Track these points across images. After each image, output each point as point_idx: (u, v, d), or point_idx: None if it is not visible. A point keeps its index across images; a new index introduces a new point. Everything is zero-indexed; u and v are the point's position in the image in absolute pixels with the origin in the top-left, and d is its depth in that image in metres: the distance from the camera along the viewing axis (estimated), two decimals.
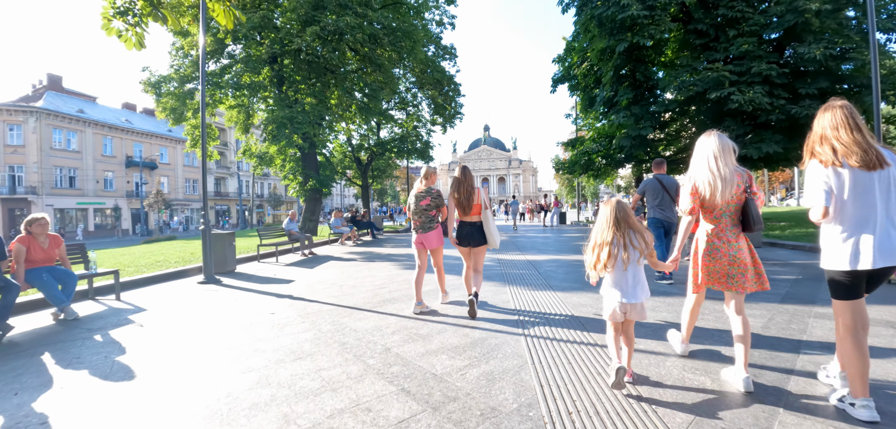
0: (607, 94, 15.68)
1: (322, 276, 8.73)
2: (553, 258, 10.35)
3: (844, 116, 2.41)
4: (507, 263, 9.67)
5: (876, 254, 2.31)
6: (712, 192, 2.85)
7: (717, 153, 2.86)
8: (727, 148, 2.88)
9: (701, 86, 13.64)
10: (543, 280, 7.49)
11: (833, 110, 2.47)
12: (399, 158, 27.81)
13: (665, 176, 6.89)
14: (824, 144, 2.43)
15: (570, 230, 21.14)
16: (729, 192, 2.83)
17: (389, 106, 26.98)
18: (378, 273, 8.74)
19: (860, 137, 2.36)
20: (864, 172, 2.33)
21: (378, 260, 11.02)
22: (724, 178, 2.82)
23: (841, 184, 2.36)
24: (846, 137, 2.37)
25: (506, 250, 12.23)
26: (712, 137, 2.95)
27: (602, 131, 18.99)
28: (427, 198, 5.37)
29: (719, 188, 2.82)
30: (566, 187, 74.44)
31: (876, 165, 2.32)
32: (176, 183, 53.35)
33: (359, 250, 13.86)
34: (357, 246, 15.42)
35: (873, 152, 2.33)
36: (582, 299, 5.91)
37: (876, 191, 2.33)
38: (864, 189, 2.33)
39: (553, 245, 13.67)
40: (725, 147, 2.88)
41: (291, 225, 12.77)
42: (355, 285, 7.48)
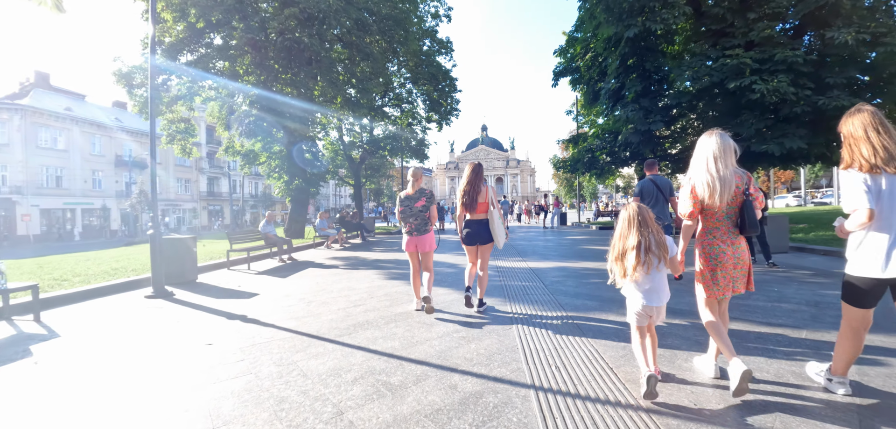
0: (613, 85, 14.43)
1: (292, 288, 7.47)
2: (559, 266, 9.11)
3: (876, 120, 2.39)
4: (508, 272, 8.43)
5: None
6: (711, 193, 2.76)
7: (718, 154, 2.77)
8: (728, 148, 2.78)
9: (718, 75, 12.43)
10: (551, 296, 6.24)
11: (862, 114, 2.45)
12: (393, 156, 26.55)
13: (658, 177, 6.90)
14: (862, 148, 2.39)
15: (573, 232, 19.91)
16: (728, 194, 2.75)
17: (382, 102, 25.73)
18: (357, 285, 7.48)
19: (889, 140, 2.34)
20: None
21: (362, 267, 9.76)
22: (723, 179, 2.74)
23: (878, 189, 2.34)
24: (882, 141, 2.35)
25: (505, 255, 11.00)
26: (714, 136, 2.83)
27: (606, 127, 17.75)
28: (422, 199, 5.24)
29: (718, 190, 2.73)
30: (564, 187, 73.25)
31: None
32: (168, 182, 51.93)
33: (344, 255, 12.61)
34: (344, 250, 14.16)
35: None
36: (602, 323, 4.67)
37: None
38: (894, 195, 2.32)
39: (556, 249, 12.43)
40: (726, 147, 2.78)
41: (268, 227, 11.49)
42: (326, 301, 6.22)
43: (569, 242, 14.71)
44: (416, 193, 5.29)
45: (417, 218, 5.25)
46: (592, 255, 10.72)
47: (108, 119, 47.51)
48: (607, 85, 14.85)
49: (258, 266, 10.51)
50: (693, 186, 2.83)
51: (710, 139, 2.82)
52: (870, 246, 2.40)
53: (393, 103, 26.44)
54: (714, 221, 2.85)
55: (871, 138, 2.36)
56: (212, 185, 57.40)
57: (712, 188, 2.73)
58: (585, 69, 17.26)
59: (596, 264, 9.10)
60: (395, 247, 14.62)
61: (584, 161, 18.13)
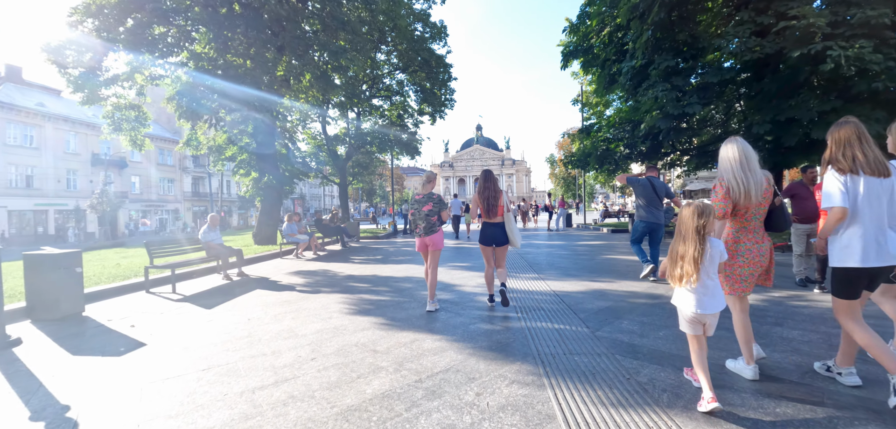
0: (638, 63, 11.93)
1: (205, 331, 4.89)
2: (591, 289, 6.58)
3: (857, 131, 2.62)
4: (526, 300, 5.88)
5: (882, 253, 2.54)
6: (745, 195, 2.85)
7: (743, 159, 2.87)
8: (751, 153, 2.91)
9: (771, 46, 9.97)
10: (604, 350, 3.66)
11: (846, 126, 2.67)
12: (382, 152, 23.90)
13: (656, 179, 6.86)
14: (843, 154, 2.62)
15: (583, 236, 17.40)
16: (760, 194, 2.87)
17: (370, 93, 23.15)
18: (304, 327, 4.91)
19: (870, 149, 2.59)
20: (875, 179, 2.56)
21: (325, 289, 7.18)
22: (757, 182, 2.86)
23: (855, 191, 2.56)
24: (860, 148, 2.58)
25: (516, 269, 8.46)
26: (735, 143, 2.94)
27: (624, 114, 15.28)
28: (429, 203, 5.40)
29: (752, 192, 2.84)
30: (561, 187, 70.84)
31: (883, 174, 2.56)
32: (149, 182, 48.96)
33: (313, 267, 10.01)
34: (316, 260, 11.56)
35: (882, 163, 2.59)
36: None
37: (883, 197, 2.57)
38: (875, 195, 2.56)
39: (575, 261, 9.92)
40: (750, 152, 2.91)
41: (212, 235, 8.87)
42: (237, 369, 3.64)
43: (585, 249, 12.19)
44: (424, 197, 5.45)
45: (425, 221, 5.40)
46: (626, 270, 8.21)
47: (85, 116, 44.50)
48: (629, 64, 12.35)
49: (190, 286, 7.89)
50: (728, 188, 2.88)
51: (733, 146, 2.92)
52: (850, 241, 2.61)
53: (382, 95, 23.88)
54: (743, 220, 2.95)
55: (853, 146, 2.60)
56: (197, 184, 54.41)
57: (747, 188, 2.83)
58: (601, 48, 14.71)
59: (639, 286, 6.58)
60: (379, 255, 12.05)
61: (598, 154, 15.62)
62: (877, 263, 2.55)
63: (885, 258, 2.55)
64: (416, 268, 9.17)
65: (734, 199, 2.87)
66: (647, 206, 6.77)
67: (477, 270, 8.58)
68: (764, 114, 10.99)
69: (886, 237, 2.56)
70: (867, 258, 2.55)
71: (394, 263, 10.14)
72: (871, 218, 2.55)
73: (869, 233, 2.55)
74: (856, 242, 2.58)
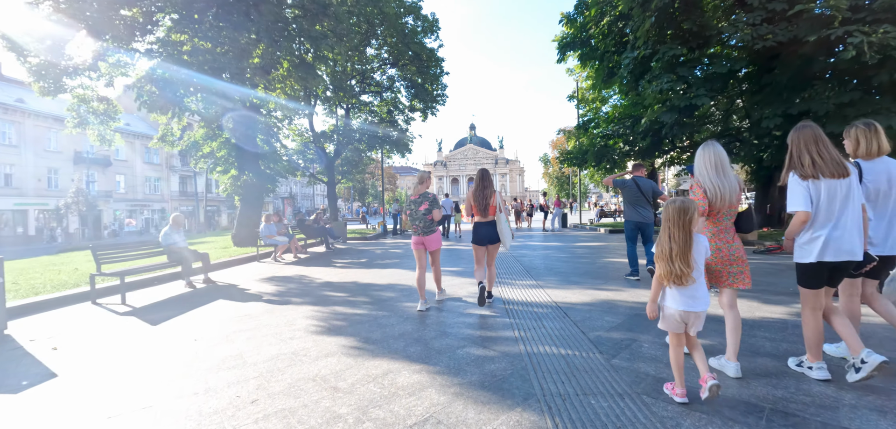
0: (641, 54, 11.15)
1: (140, 355, 4.02)
2: (595, 298, 5.77)
3: (814, 135, 2.76)
4: (524, 313, 5.05)
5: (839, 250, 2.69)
6: (721, 198, 2.97)
7: (718, 164, 3.00)
8: (725, 158, 3.04)
9: (783, 35, 9.25)
10: (624, 384, 2.83)
11: (805, 130, 2.80)
12: (371, 150, 22.97)
13: (642, 178, 6.85)
14: (805, 158, 2.75)
15: (580, 237, 16.64)
16: (733, 197, 3.01)
17: (359, 88, 22.25)
18: (264, 347, 4.06)
19: (827, 151, 2.72)
20: (834, 181, 2.68)
21: (296, 300, 6.31)
22: (731, 187, 2.99)
23: (817, 192, 2.70)
24: (820, 152, 2.72)
25: (512, 274, 7.65)
26: (712, 148, 3.06)
27: (624, 109, 14.51)
28: (425, 203, 5.37)
29: (727, 195, 2.97)
30: (555, 186, 70.16)
31: (842, 175, 2.68)
32: (134, 181, 47.59)
33: (289, 272, 9.13)
34: (295, 263, 10.67)
35: (840, 163, 2.70)
36: None
37: (839, 197, 2.68)
38: (832, 196, 2.69)
39: (574, 265, 9.12)
40: (724, 157, 3.04)
41: (174, 237, 7.96)
42: (155, 414, 2.78)
43: (584, 251, 11.41)
44: (419, 198, 5.44)
45: (421, 221, 5.36)
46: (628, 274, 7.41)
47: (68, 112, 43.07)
48: (631, 55, 11.57)
49: (146, 295, 6.98)
50: (704, 188, 3.01)
51: (709, 151, 3.05)
52: (811, 239, 2.76)
53: (372, 91, 22.99)
54: (715, 220, 3.07)
55: (812, 151, 2.72)
56: (184, 183, 53.05)
57: (722, 190, 2.97)
58: (600, 39, 13.91)
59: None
60: (364, 259, 11.18)
61: (595, 151, 14.83)
62: (835, 259, 2.70)
63: (842, 254, 2.69)
64: (402, 274, 8.33)
65: (710, 201, 3.00)
66: (634, 205, 6.82)
67: (469, 276, 7.76)
68: (774, 107, 10.28)
69: (843, 234, 2.69)
70: (824, 254, 2.70)
71: (378, 268, 9.28)
72: (829, 217, 2.70)
73: (827, 231, 2.70)
74: (816, 240, 2.73)
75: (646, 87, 11.40)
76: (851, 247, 2.69)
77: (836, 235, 2.68)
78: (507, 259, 9.85)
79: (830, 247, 2.69)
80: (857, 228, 2.71)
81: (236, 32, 9.49)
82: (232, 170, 14.51)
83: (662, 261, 2.60)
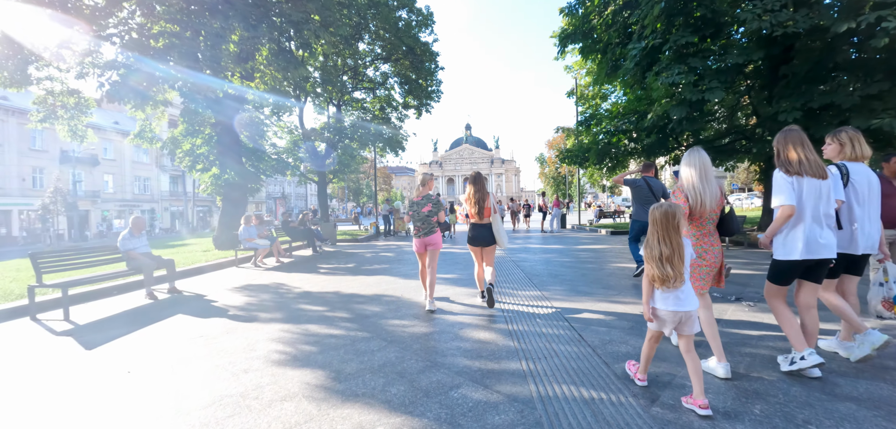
0: (649, 44, 10.35)
1: (46, 395, 3.16)
2: (611, 312, 4.96)
3: (801, 138, 2.91)
4: (532, 334, 4.22)
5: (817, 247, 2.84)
6: (702, 203, 3.03)
7: (702, 171, 3.06)
8: (709, 165, 3.10)
9: (804, 23, 8.49)
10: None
11: (793, 133, 2.94)
12: (364, 148, 22.05)
13: (652, 178, 6.76)
14: (791, 156, 2.89)
15: (581, 238, 15.86)
16: (715, 203, 3.07)
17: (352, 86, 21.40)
18: (209, 384, 3.21)
19: (811, 153, 2.88)
20: (815, 181, 2.84)
21: (266, 316, 5.45)
22: (713, 193, 3.05)
23: (800, 189, 2.84)
24: (806, 154, 2.87)
25: (513, 283, 6.82)
26: (697, 153, 3.13)
27: (629, 104, 13.70)
28: (428, 205, 5.41)
29: (708, 201, 3.04)
30: (552, 186, 69.48)
31: (822, 177, 2.85)
32: (123, 181, 46.41)
33: (267, 280, 8.26)
34: (275, 269, 9.79)
35: (820, 166, 2.87)
36: None
37: (818, 197, 2.85)
38: (813, 195, 2.84)
39: (581, 271, 8.32)
40: (706, 160, 3.11)
41: (133, 242, 7.07)
42: None
43: (589, 255, 10.61)
44: (422, 199, 5.45)
45: (424, 222, 5.38)
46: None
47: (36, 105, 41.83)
48: (638, 45, 10.77)
49: (97, 309, 6.09)
50: (686, 193, 3.09)
51: (693, 157, 3.11)
52: (790, 237, 2.91)
53: (365, 87, 22.13)
54: (699, 224, 3.13)
55: (798, 151, 2.87)
56: (175, 183, 51.88)
57: (704, 195, 3.03)
58: (603, 29, 13.10)
59: None
60: (352, 263, 10.33)
61: (598, 149, 14.02)
62: (813, 256, 2.86)
63: (820, 252, 2.85)
64: (390, 282, 7.49)
65: (692, 206, 3.08)
66: (645, 205, 6.61)
67: (466, 284, 6.94)
68: (792, 100, 9.51)
69: (822, 233, 2.85)
70: (805, 252, 2.86)
71: (366, 275, 8.43)
72: (809, 216, 2.86)
73: (807, 229, 2.85)
74: (797, 238, 2.88)
75: (653, 81, 10.60)
76: (828, 245, 2.84)
77: (816, 233, 2.84)
78: (506, 264, 9.03)
79: (812, 245, 2.83)
80: (833, 228, 2.90)
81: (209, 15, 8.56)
82: (213, 168, 13.59)
83: (653, 264, 2.62)
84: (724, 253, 3.80)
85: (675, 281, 2.55)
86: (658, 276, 2.59)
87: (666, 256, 2.56)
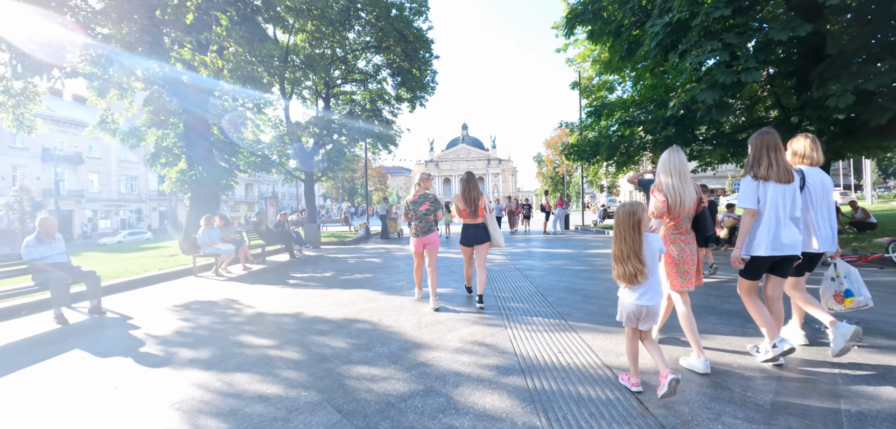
0: (677, 15, 8.84)
1: None
2: (667, 355, 3.49)
3: (775, 141, 2.96)
4: (559, 395, 2.75)
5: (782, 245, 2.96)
6: (680, 203, 3.11)
7: (681, 167, 3.14)
8: (685, 161, 3.17)
9: None
10: None
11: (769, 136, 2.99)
12: (354, 144, 20.47)
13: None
14: (762, 160, 2.97)
15: (591, 242, 14.42)
16: (691, 203, 3.14)
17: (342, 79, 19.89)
18: None
19: (781, 158, 2.97)
20: (780, 185, 2.95)
21: (190, 353, 3.93)
22: (689, 194, 3.12)
23: (765, 194, 2.97)
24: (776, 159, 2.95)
25: (518, 299, 5.34)
26: (676, 153, 3.17)
27: (646, 92, 12.23)
28: (426, 203, 5.35)
29: (686, 201, 3.11)
30: (550, 186, 68.04)
31: (788, 181, 2.95)
32: (109, 180, 44.63)
33: (220, 294, 6.73)
34: (239, 279, 8.26)
35: (788, 170, 2.97)
36: None
37: (785, 200, 2.96)
38: (779, 198, 2.96)
39: (603, 285, 6.86)
40: (684, 161, 3.16)
41: (38, 250, 5.54)
42: None
43: (604, 262, 9.16)
44: (420, 198, 5.38)
45: (422, 221, 5.30)
46: (713, 308, 5.18)
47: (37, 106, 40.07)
48: (660, 21, 9.30)
49: None
50: (665, 193, 3.14)
51: (672, 157, 3.16)
52: (757, 235, 3.01)
53: (355, 80, 20.61)
54: (676, 223, 3.20)
55: (770, 156, 2.95)
56: (163, 181, 50.05)
57: (681, 200, 3.11)
58: (617, 6, 11.57)
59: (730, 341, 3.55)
60: (330, 271, 8.83)
61: (610, 143, 12.54)
62: (778, 253, 2.96)
63: (783, 249, 2.96)
64: (368, 298, 6.00)
65: (671, 205, 3.14)
66: None
67: (462, 304, 5.46)
68: (842, 82, 8.09)
69: (786, 232, 2.95)
70: (769, 249, 2.96)
71: (342, 287, 6.93)
72: (775, 217, 2.96)
73: (772, 229, 2.96)
74: (762, 236, 2.99)
75: (678, 63, 9.15)
76: (793, 243, 2.97)
77: (780, 232, 2.95)
78: (511, 274, 7.57)
79: (777, 242, 2.96)
80: (797, 228, 3.01)
81: None
82: (180, 162, 12.04)
83: (617, 261, 2.75)
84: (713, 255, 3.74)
85: (635, 278, 2.65)
86: (620, 273, 2.71)
87: (626, 255, 2.68)
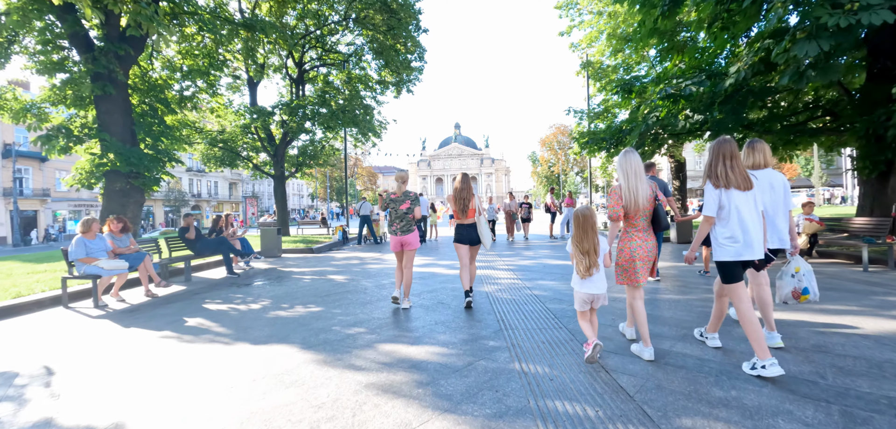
0: None
1: None
2: None
3: (731, 150, 3.01)
4: None
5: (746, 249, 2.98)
6: (635, 202, 3.23)
7: (636, 168, 3.25)
8: (640, 166, 3.28)
9: None
10: None
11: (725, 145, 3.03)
12: (331, 132, 17.56)
13: (656, 177, 6.22)
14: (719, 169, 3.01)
15: None
16: (646, 201, 3.25)
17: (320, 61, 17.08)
18: None
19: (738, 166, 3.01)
20: (742, 192, 2.99)
21: None
22: (644, 192, 3.24)
23: (728, 201, 3.00)
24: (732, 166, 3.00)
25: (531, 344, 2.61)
26: (631, 155, 3.29)
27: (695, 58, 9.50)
28: (406, 202, 5.29)
29: (641, 199, 3.23)
30: (544, 186, 65.58)
31: (748, 187, 2.99)
32: None
33: (51, 356, 3.92)
34: (120, 317, 5.43)
35: (746, 177, 3.01)
36: None
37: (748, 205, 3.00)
38: (741, 204, 2.99)
39: (668, 305, 4.14)
40: (639, 161, 3.29)
41: None
42: None
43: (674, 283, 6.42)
44: (401, 197, 5.31)
45: (402, 220, 5.26)
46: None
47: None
48: None
49: None
50: (620, 194, 3.27)
51: (627, 157, 3.28)
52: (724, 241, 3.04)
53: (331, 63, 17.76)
54: (633, 222, 3.30)
55: (727, 164, 2.99)
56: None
57: (635, 198, 3.22)
58: None
59: None
60: (267, 300, 6.02)
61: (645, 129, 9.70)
62: (745, 257, 2.99)
63: (750, 253, 2.98)
64: (298, 366, 3.18)
65: (625, 205, 3.25)
66: None
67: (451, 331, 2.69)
68: None
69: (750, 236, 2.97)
70: (737, 254, 2.99)
71: (261, 339, 4.13)
72: (738, 222, 2.99)
73: (737, 234, 2.99)
74: (728, 241, 3.03)
75: (747, 11, 6.39)
76: (756, 246, 2.99)
77: (745, 237, 2.97)
78: (528, 302, 4.83)
79: (740, 247, 2.98)
80: (759, 231, 3.03)
81: None
82: (92, 143, 9.14)
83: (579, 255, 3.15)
84: None
85: (591, 270, 3.13)
86: (584, 266, 3.14)
87: (585, 250, 3.13)
